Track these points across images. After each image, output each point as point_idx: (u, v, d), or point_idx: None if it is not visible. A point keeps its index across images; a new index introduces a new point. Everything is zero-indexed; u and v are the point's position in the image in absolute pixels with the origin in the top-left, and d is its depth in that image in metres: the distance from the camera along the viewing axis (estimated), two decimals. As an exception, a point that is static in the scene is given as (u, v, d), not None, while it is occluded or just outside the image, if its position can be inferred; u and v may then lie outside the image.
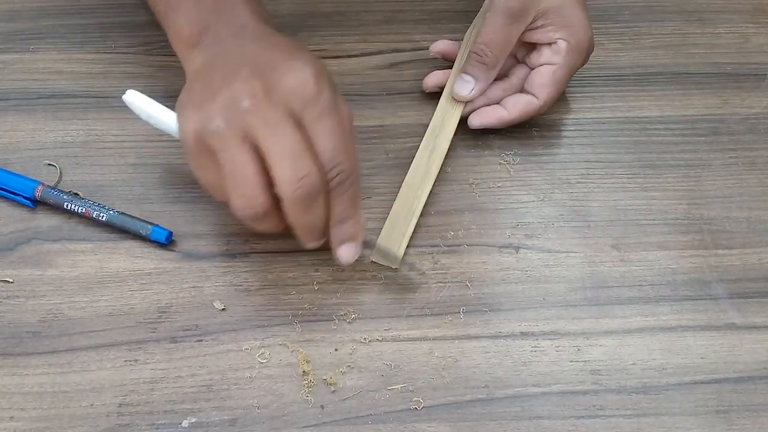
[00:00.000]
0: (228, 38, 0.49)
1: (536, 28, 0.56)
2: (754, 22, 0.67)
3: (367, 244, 0.50)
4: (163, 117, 0.51)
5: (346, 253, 0.48)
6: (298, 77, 0.45)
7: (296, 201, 0.44)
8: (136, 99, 0.52)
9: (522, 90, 0.58)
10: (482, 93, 0.58)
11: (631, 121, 0.60)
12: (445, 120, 0.57)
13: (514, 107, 0.57)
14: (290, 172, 0.44)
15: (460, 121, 0.57)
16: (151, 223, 0.52)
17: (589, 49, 0.58)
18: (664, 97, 0.62)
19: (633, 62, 0.64)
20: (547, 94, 0.56)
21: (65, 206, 0.53)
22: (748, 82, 0.63)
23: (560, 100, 0.61)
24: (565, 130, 0.60)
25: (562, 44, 0.56)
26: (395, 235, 0.52)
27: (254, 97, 0.45)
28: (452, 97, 0.58)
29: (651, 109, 0.61)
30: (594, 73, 0.63)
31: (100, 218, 0.53)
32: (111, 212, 0.53)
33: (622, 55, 0.64)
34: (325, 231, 0.48)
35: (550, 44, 0.57)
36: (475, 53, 0.56)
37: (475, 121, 0.57)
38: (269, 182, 0.45)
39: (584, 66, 0.62)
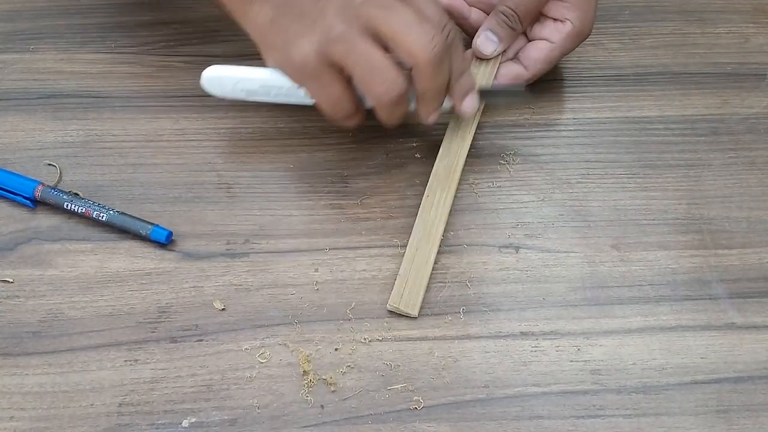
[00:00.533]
0: None
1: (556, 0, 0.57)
2: (754, 22, 0.67)
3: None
4: (257, 76, 0.53)
5: (469, 103, 0.53)
6: None
7: (434, 61, 0.48)
8: (217, 73, 0.53)
9: (515, 58, 0.59)
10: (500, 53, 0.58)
11: (630, 121, 0.60)
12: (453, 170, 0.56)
13: (503, 77, 0.58)
14: (422, 38, 0.47)
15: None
16: (151, 223, 0.52)
17: (584, 38, 0.58)
18: (664, 97, 0.62)
19: (633, 62, 0.64)
20: (538, 70, 0.58)
21: (65, 206, 0.53)
22: (748, 82, 0.63)
23: (560, 100, 0.61)
24: (565, 130, 0.60)
25: (568, 26, 0.57)
26: (412, 291, 0.51)
27: None
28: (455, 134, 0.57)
29: (651, 109, 0.61)
30: (594, 73, 0.63)
31: (100, 218, 0.53)
32: (111, 212, 0.53)
33: (622, 55, 0.64)
34: (442, 100, 0.52)
35: (556, 20, 0.57)
36: (504, 15, 0.57)
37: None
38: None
39: (584, 66, 0.62)
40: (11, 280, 0.51)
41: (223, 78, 0.53)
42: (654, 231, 0.55)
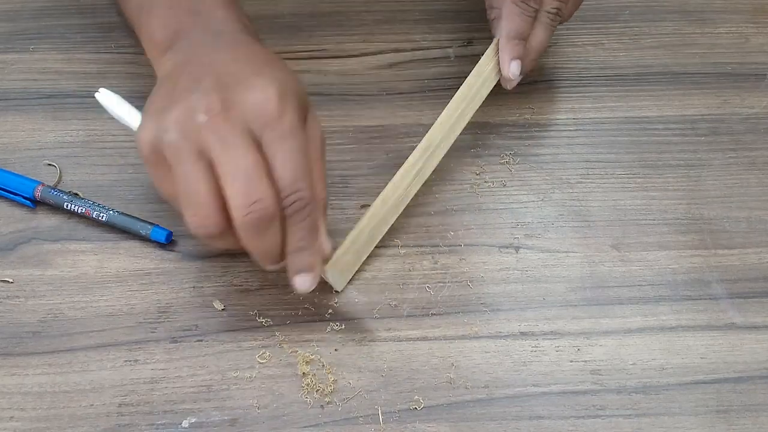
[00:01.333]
0: (200, 44, 0.47)
1: None
2: (754, 22, 0.67)
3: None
4: (131, 120, 0.49)
5: (300, 283, 0.46)
6: (260, 95, 0.43)
7: (247, 226, 0.42)
8: (107, 99, 0.50)
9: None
10: None
11: (630, 121, 0.60)
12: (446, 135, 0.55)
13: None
14: (241, 196, 0.42)
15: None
16: (151, 223, 0.52)
17: (571, 13, 0.58)
18: (664, 96, 0.62)
19: (633, 62, 0.64)
20: (531, 62, 0.57)
21: (65, 206, 0.53)
22: (748, 82, 0.63)
23: (560, 100, 0.61)
24: (565, 130, 0.60)
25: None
26: (347, 260, 0.50)
27: (211, 111, 0.42)
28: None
29: (651, 109, 0.61)
30: (594, 73, 0.63)
31: (100, 218, 0.53)
32: (111, 212, 0.53)
33: (622, 55, 0.64)
34: (283, 256, 0.45)
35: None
36: (516, 38, 0.55)
37: None
38: (224, 202, 0.42)
39: (584, 66, 0.62)
40: (11, 280, 0.51)
41: (108, 106, 0.50)
42: (654, 231, 0.55)
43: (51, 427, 0.46)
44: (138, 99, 0.60)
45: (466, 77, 0.56)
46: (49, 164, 0.56)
